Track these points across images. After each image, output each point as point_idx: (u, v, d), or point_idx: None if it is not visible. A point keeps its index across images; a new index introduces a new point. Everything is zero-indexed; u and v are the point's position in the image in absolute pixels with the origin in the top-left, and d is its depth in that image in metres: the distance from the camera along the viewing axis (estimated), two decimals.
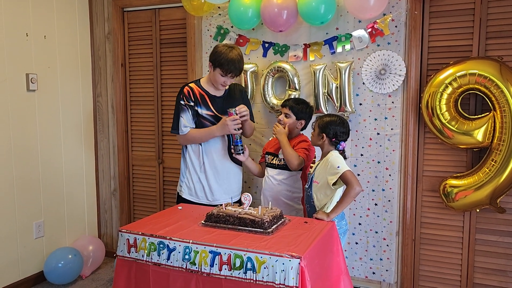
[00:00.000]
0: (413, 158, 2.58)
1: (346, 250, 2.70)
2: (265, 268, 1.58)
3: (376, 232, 2.68)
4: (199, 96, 2.44)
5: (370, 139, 2.65)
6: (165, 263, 1.75)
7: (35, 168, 3.06)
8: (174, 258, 1.73)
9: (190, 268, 1.69)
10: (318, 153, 2.42)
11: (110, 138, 3.50)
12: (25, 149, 2.97)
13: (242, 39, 2.89)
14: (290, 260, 1.55)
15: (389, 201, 2.63)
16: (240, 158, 2.44)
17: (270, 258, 1.57)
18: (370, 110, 2.63)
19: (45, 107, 3.11)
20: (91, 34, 3.46)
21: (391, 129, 2.60)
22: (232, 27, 2.90)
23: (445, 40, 2.49)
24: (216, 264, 1.65)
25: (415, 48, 2.52)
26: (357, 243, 2.73)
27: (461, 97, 2.39)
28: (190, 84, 2.49)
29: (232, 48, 2.35)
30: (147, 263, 1.78)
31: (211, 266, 1.66)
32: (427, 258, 2.63)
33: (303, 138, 2.45)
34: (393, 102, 2.58)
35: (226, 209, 1.93)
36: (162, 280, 1.76)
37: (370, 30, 2.58)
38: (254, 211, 1.88)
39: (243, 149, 2.43)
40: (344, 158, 2.15)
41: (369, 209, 2.68)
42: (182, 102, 2.43)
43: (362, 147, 2.67)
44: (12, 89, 2.88)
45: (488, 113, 2.33)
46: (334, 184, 2.08)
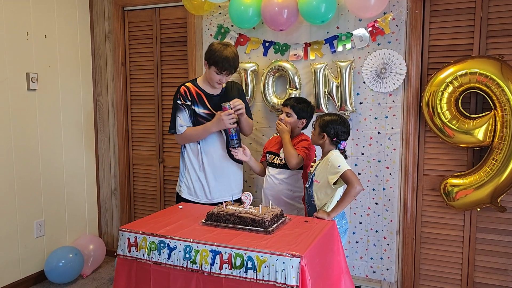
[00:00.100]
0: (413, 157, 2.58)
1: (346, 249, 2.70)
2: (265, 267, 1.58)
3: (376, 231, 2.68)
4: (196, 95, 2.44)
5: (371, 138, 2.64)
6: (165, 262, 1.75)
7: (36, 167, 3.06)
8: (175, 257, 1.73)
9: (191, 267, 1.70)
10: (318, 152, 2.42)
11: (110, 137, 3.50)
12: (25, 148, 2.98)
13: (242, 38, 2.89)
14: (290, 259, 1.55)
15: (389, 200, 2.63)
16: (242, 158, 2.44)
17: (271, 257, 1.57)
18: (371, 109, 2.63)
19: (45, 106, 3.11)
20: (92, 33, 3.46)
21: (392, 128, 2.59)
22: (232, 26, 2.90)
23: (445, 39, 2.49)
24: (216, 263, 1.65)
25: (416, 47, 2.52)
26: (357, 242, 2.73)
27: (462, 96, 2.39)
28: (187, 83, 2.49)
29: (226, 45, 2.35)
30: (148, 262, 1.78)
31: (212, 265, 1.66)
32: (428, 257, 2.63)
33: (304, 137, 2.46)
34: (393, 101, 2.58)
35: (226, 208, 1.93)
36: (163, 279, 1.76)
37: (370, 29, 2.58)
38: (254, 210, 1.88)
39: (238, 143, 2.41)
40: (344, 158, 2.15)
41: (369, 208, 2.68)
42: (179, 102, 2.43)
43: (363, 146, 2.67)
44: (12, 88, 2.88)
45: (489, 112, 2.33)
46: (334, 183, 2.08)
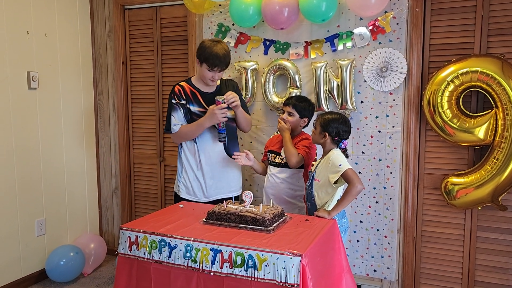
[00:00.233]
0: (414, 155, 2.57)
1: (347, 248, 2.70)
2: (266, 265, 1.58)
3: (377, 230, 2.68)
4: (191, 93, 2.44)
5: (371, 137, 2.64)
6: (166, 261, 1.75)
7: (37, 166, 3.06)
8: (176, 256, 1.73)
9: (191, 266, 1.70)
10: (319, 151, 2.42)
11: (111, 136, 3.50)
12: (26, 147, 2.98)
13: (243, 37, 2.89)
14: (291, 257, 1.55)
15: (390, 199, 2.63)
16: (246, 163, 2.43)
17: (271, 255, 1.57)
18: (372, 108, 2.63)
19: (46, 105, 3.11)
20: (92, 32, 3.46)
21: (393, 126, 2.59)
22: (233, 25, 2.90)
23: (446, 37, 2.49)
24: (217, 261, 1.65)
25: (417, 45, 2.51)
26: (358, 241, 2.73)
27: (462, 94, 2.38)
28: (181, 83, 2.49)
29: (217, 42, 2.35)
30: (149, 261, 1.79)
31: (212, 264, 1.66)
32: (428, 256, 2.63)
33: (305, 136, 2.45)
34: (394, 100, 2.58)
35: (227, 207, 1.93)
36: (164, 278, 1.76)
37: (371, 27, 2.58)
38: (255, 209, 1.88)
39: (226, 138, 2.40)
40: (346, 157, 2.14)
41: (370, 207, 2.68)
42: (174, 101, 2.43)
43: (363, 145, 2.66)
44: (13, 87, 2.88)
45: (490, 110, 2.33)
46: (335, 182, 2.07)
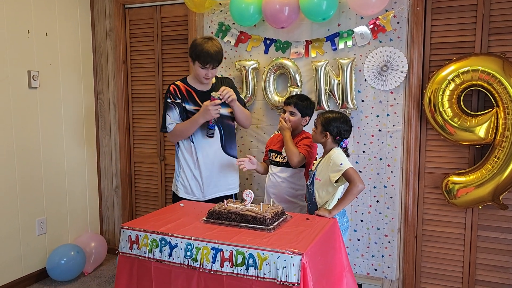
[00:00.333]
0: (415, 154, 2.57)
1: (348, 247, 2.70)
2: (266, 264, 1.58)
3: (378, 229, 2.68)
4: (186, 92, 2.44)
5: (372, 136, 2.64)
6: (167, 260, 1.75)
7: (37, 165, 3.06)
8: (176, 254, 1.73)
9: (192, 264, 1.70)
10: (319, 149, 2.42)
11: (111, 135, 3.50)
12: (27, 146, 2.98)
13: (243, 36, 2.88)
14: (291, 256, 1.55)
15: (391, 198, 2.63)
16: (250, 167, 2.43)
17: (272, 254, 1.57)
18: (372, 107, 2.62)
19: (46, 104, 3.11)
20: (93, 31, 3.46)
21: (393, 125, 2.59)
22: (233, 24, 2.90)
23: (447, 36, 2.48)
24: (218, 260, 1.65)
25: (417, 44, 2.51)
26: (359, 240, 2.73)
27: (463, 93, 2.38)
28: (177, 82, 2.49)
29: (208, 39, 2.34)
30: (149, 260, 1.79)
31: (213, 262, 1.66)
32: (429, 255, 2.63)
33: (306, 135, 2.44)
34: (395, 99, 2.58)
35: (228, 206, 1.93)
36: (164, 276, 1.76)
37: (372, 26, 2.57)
38: (255, 208, 1.88)
39: (214, 133, 2.40)
40: (347, 156, 2.14)
41: (371, 206, 2.68)
42: (169, 100, 2.43)
43: (364, 144, 2.66)
44: (14, 86, 2.88)
45: (490, 109, 2.32)
46: (336, 181, 2.07)
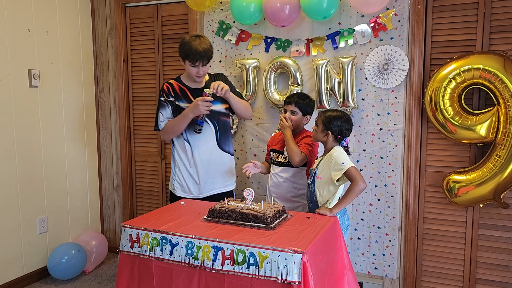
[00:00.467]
0: (415, 153, 2.57)
1: (348, 245, 2.70)
2: (267, 263, 1.58)
3: (378, 227, 2.68)
4: (180, 90, 2.44)
5: (373, 135, 2.64)
6: (168, 258, 1.75)
7: (38, 163, 3.07)
8: (177, 253, 1.73)
9: (193, 263, 1.70)
10: (320, 148, 2.41)
11: (112, 134, 3.50)
12: (28, 145, 2.98)
13: (244, 34, 2.88)
14: (292, 255, 1.55)
15: (391, 196, 2.63)
16: (254, 171, 2.43)
17: (273, 253, 1.57)
18: (373, 106, 2.62)
19: (47, 103, 3.11)
20: (93, 29, 3.46)
21: (394, 124, 2.59)
22: (234, 22, 2.90)
23: (448, 34, 2.48)
24: (218, 259, 1.65)
25: (418, 42, 2.50)
26: (359, 239, 2.73)
27: (464, 92, 2.38)
28: (170, 80, 2.50)
29: (196, 37, 2.34)
30: (150, 258, 1.79)
31: (214, 261, 1.66)
32: (430, 254, 2.63)
33: (308, 133, 2.44)
34: (396, 97, 2.57)
35: (228, 204, 1.93)
36: (165, 275, 1.76)
37: (373, 24, 2.57)
38: (256, 207, 1.88)
39: (202, 130, 2.40)
40: (347, 154, 2.14)
41: (371, 204, 2.68)
42: (162, 99, 2.44)
43: (365, 143, 2.66)
44: (14, 85, 2.88)
45: (492, 108, 2.32)
46: (338, 180, 2.07)
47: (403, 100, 2.56)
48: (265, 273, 1.58)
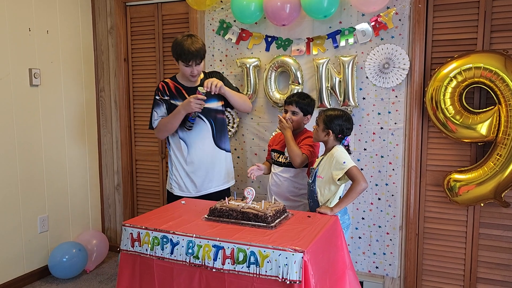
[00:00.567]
0: (416, 152, 2.57)
1: (349, 244, 2.70)
2: (268, 262, 1.58)
3: (379, 226, 2.68)
4: (175, 89, 2.45)
5: (374, 134, 2.64)
6: (168, 257, 1.75)
7: (39, 162, 3.07)
8: (178, 252, 1.73)
9: (194, 262, 1.70)
10: (321, 147, 2.41)
11: (113, 133, 3.50)
12: (28, 144, 2.98)
13: (244, 33, 2.88)
14: (293, 254, 1.55)
15: (392, 195, 2.63)
16: (258, 173, 2.44)
17: (273, 252, 1.57)
18: (374, 105, 2.62)
19: (48, 102, 3.11)
20: (94, 28, 3.46)
21: (395, 123, 2.59)
22: (234, 21, 2.89)
23: (449, 33, 2.47)
24: (219, 258, 1.65)
25: (419, 41, 2.50)
26: (360, 238, 2.73)
27: (465, 91, 2.37)
28: (166, 79, 2.52)
29: (188, 36, 2.35)
30: (151, 257, 1.79)
31: (215, 260, 1.66)
32: (431, 253, 2.63)
33: (309, 134, 2.43)
34: (396, 96, 2.57)
35: (229, 203, 1.93)
36: (166, 274, 1.76)
37: (373, 23, 2.57)
38: (257, 206, 1.88)
39: (192, 126, 2.41)
40: (348, 153, 2.14)
41: (372, 203, 2.68)
42: (157, 97, 2.46)
43: (366, 142, 2.66)
44: (15, 84, 2.88)
45: (493, 107, 2.32)
46: (339, 179, 2.07)
47: (404, 99, 2.56)
48: (265, 272, 1.58)
